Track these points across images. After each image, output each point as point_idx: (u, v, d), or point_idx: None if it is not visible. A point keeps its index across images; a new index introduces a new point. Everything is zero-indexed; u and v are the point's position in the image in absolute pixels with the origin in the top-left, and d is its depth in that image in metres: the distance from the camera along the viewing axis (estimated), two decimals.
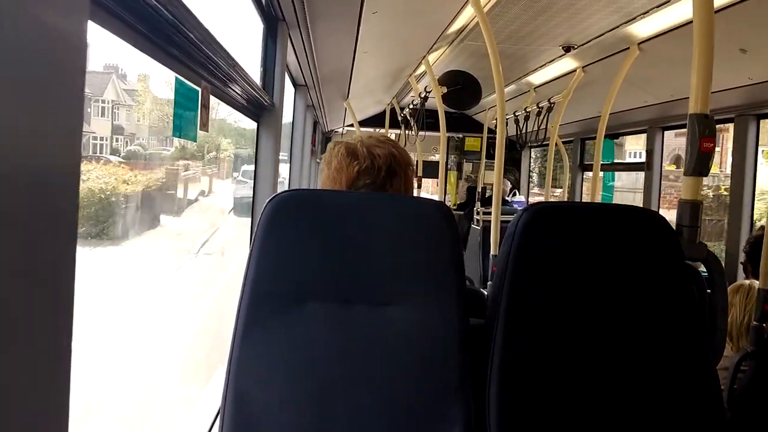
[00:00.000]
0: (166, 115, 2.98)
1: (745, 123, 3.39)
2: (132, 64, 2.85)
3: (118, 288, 2.53)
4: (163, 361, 3.11)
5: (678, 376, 1.33)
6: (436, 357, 1.26)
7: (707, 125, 1.50)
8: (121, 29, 1.16)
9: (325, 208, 1.30)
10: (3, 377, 0.63)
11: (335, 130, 9.44)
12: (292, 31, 2.96)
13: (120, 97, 2.81)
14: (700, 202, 1.52)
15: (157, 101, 2.99)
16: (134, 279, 2.77)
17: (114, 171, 2.44)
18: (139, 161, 2.98)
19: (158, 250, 3.15)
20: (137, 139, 3.09)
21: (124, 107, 2.86)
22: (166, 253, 3.37)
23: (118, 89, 2.76)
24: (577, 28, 3.67)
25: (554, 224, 1.36)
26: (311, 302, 1.27)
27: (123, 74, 2.98)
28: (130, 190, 2.63)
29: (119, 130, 2.94)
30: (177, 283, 3.54)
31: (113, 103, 2.76)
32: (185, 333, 3.55)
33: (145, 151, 3.13)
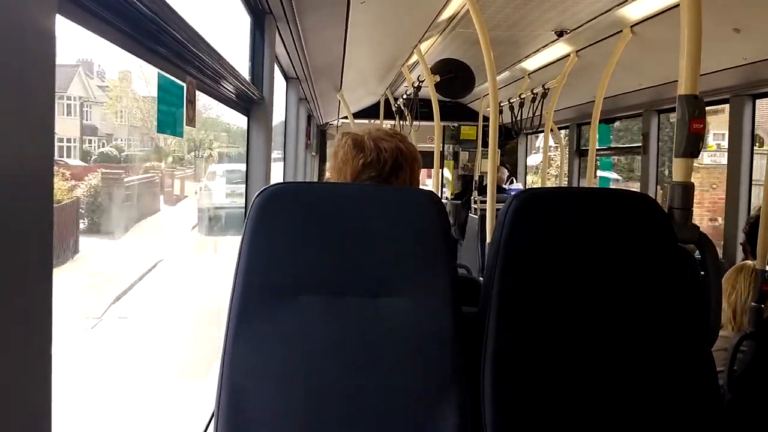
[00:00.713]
0: (144, 111, 2.65)
1: (740, 103, 3.36)
2: (104, 57, 2.49)
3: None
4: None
5: (672, 358, 1.33)
6: (429, 347, 1.26)
7: (696, 106, 1.49)
8: (95, 25, 1.13)
9: (316, 201, 1.30)
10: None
11: (330, 123, 9.40)
12: (280, 24, 2.93)
13: (89, 92, 2.51)
14: (692, 184, 1.51)
15: (134, 96, 2.64)
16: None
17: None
18: (92, 165, 2.53)
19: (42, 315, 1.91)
20: (115, 140, 2.76)
21: (96, 105, 2.58)
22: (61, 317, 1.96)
23: (86, 84, 2.42)
24: (569, 11, 3.64)
25: (544, 210, 1.35)
26: (304, 295, 1.27)
27: (97, 69, 2.67)
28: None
29: (92, 131, 2.65)
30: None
31: (82, 100, 2.43)
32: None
33: (121, 153, 2.75)
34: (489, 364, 1.29)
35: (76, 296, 2.27)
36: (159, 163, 2.91)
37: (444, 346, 1.26)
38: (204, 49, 1.83)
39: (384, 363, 1.26)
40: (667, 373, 1.32)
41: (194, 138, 3.55)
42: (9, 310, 0.67)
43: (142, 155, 2.62)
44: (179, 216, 3.15)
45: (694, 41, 1.50)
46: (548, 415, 1.29)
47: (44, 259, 0.74)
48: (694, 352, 1.34)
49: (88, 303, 2.27)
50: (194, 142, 3.63)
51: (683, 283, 1.36)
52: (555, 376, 1.30)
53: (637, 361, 1.32)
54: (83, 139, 2.07)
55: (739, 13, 2.87)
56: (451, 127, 8.99)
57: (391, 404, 1.25)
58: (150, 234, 2.58)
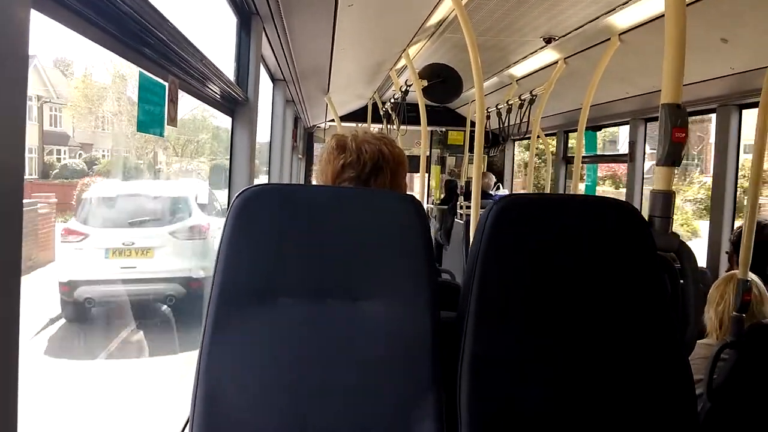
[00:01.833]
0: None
1: (727, 113, 3.37)
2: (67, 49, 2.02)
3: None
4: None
5: (649, 365, 1.33)
6: (407, 351, 1.25)
7: (679, 115, 1.49)
8: (73, 21, 1.10)
9: (296, 203, 1.28)
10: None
11: (317, 126, 9.37)
12: (266, 25, 2.91)
13: (50, 91, 2.05)
14: (673, 193, 1.51)
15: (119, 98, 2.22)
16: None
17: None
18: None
19: None
20: (95, 151, 2.36)
21: (67, 107, 2.18)
22: None
23: (45, 80, 1.92)
24: (557, 18, 3.64)
25: (524, 216, 1.34)
26: (282, 298, 1.26)
27: (64, 60, 2.17)
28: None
29: (59, 140, 2.21)
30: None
31: (41, 100, 1.92)
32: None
33: (92, 166, 2.24)
34: (466, 367, 1.29)
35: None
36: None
37: (422, 351, 1.25)
38: (188, 49, 1.80)
39: (362, 366, 1.25)
40: (644, 380, 1.32)
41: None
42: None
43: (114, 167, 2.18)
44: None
45: (677, 50, 1.50)
46: (523, 421, 1.29)
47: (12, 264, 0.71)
48: (671, 359, 1.34)
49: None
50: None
51: (662, 291, 1.35)
52: (531, 381, 1.29)
53: (614, 367, 1.32)
54: (45, 149, 1.74)
55: (727, 23, 2.87)
56: (438, 132, 8.99)
57: (370, 406, 1.24)
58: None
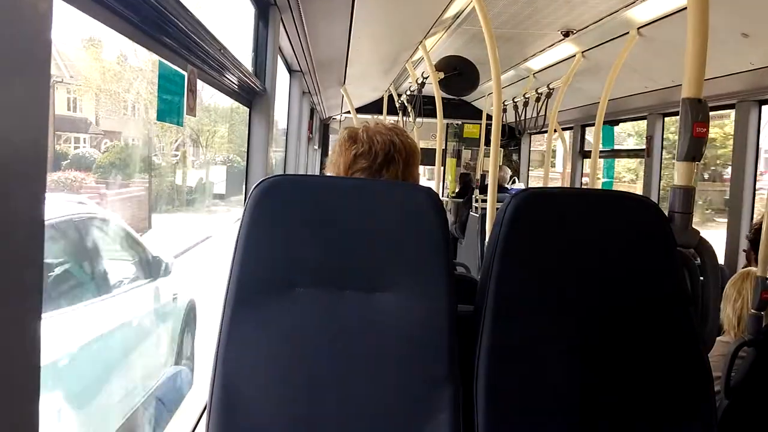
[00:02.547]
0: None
1: (746, 109, 3.33)
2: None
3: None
4: None
5: (668, 362, 1.32)
6: (424, 344, 1.26)
7: (700, 110, 1.47)
8: (95, 10, 1.12)
9: (314, 193, 1.29)
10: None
11: (333, 117, 9.38)
12: (284, 16, 2.91)
13: (62, 70, 1.84)
14: (693, 188, 1.49)
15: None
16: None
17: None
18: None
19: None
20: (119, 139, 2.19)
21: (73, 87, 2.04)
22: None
23: (56, 56, 1.71)
24: (576, 11, 3.61)
25: (542, 210, 1.34)
26: (300, 288, 1.26)
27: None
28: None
29: (76, 126, 2.05)
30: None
31: (53, 79, 1.64)
32: None
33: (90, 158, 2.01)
34: (483, 362, 1.29)
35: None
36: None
37: (439, 343, 1.25)
38: (207, 39, 1.81)
39: (378, 358, 1.25)
40: (663, 376, 1.31)
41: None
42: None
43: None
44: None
45: (699, 44, 1.48)
46: (540, 416, 1.29)
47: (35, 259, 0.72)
48: (690, 356, 1.33)
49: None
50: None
51: (682, 288, 1.35)
52: (548, 376, 1.29)
53: (632, 364, 1.31)
54: (59, 136, 1.60)
55: (747, 17, 2.84)
56: (454, 125, 8.97)
57: (386, 398, 1.25)
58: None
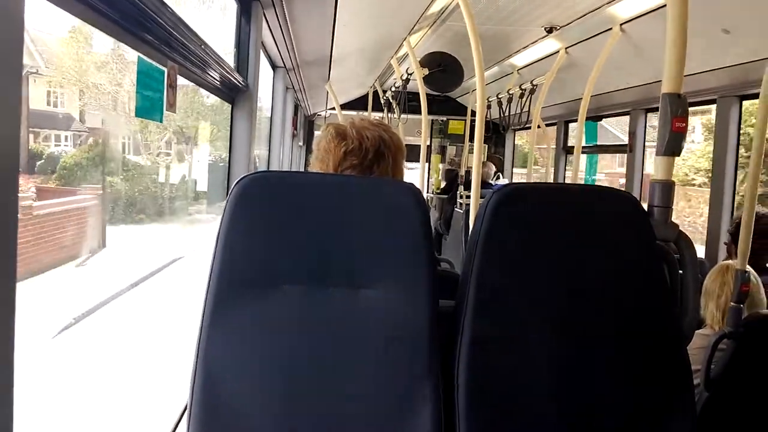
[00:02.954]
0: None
1: (727, 104, 3.37)
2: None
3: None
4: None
5: (647, 355, 1.33)
6: (406, 338, 1.26)
7: (680, 105, 1.48)
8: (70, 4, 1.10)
9: (296, 190, 1.28)
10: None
11: (318, 114, 9.35)
12: (267, 11, 2.90)
13: (37, 60, 1.70)
14: (672, 183, 1.50)
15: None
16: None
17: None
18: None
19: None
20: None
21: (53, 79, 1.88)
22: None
23: (30, 44, 1.59)
24: (559, 8, 3.62)
25: (524, 205, 1.34)
26: (281, 285, 1.26)
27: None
28: None
29: (56, 123, 1.94)
30: None
31: (26, 69, 1.55)
32: None
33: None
34: (463, 355, 1.29)
35: None
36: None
37: (421, 338, 1.26)
38: (187, 35, 1.79)
39: (360, 354, 1.25)
40: (642, 368, 1.32)
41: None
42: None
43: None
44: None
45: (679, 40, 1.49)
46: (521, 409, 1.29)
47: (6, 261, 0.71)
48: (669, 349, 1.34)
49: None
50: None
51: (661, 281, 1.36)
52: (529, 370, 1.30)
53: (612, 357, 1.32)
54: (35, 133, 1.47)
55: (728, 14, 2.86)
56: (439, 121, 8.97)
57: (367, 394, 1.25)
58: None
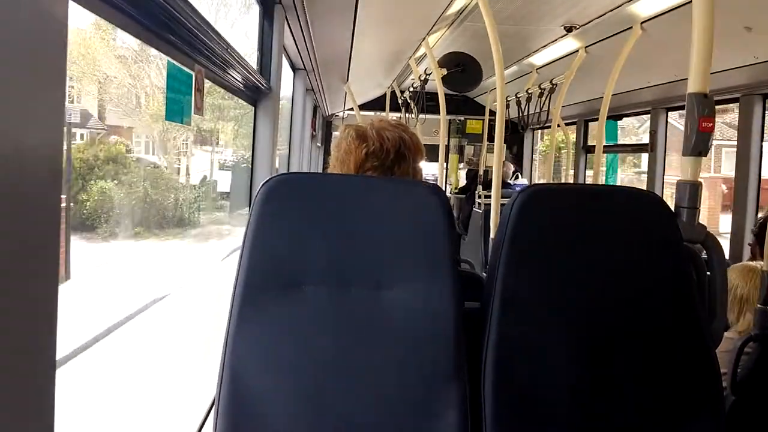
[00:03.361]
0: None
1: (750, 103, 3.34)
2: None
3: None
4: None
5: (676, 358, 1.32)
6: (431, 340, 1.26)
7: (706, 105, 1.47)
8: (105, 11, 1.13)
9: (320, 191, 1.30)
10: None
11: (336, 114, 9.38)
12: (288, 14, 2.92)
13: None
14: (700, 183, 1.50)
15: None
16: None
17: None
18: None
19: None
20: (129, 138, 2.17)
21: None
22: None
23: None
24: (578, 7, 3.61)
25: (549, 206, 1.34)
26: (307, 286, 1.27)
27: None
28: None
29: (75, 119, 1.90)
30: None
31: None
32: None
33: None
34: (490, 358, 1.29)
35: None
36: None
37: (446, 340, 1.26)
38: (213, 37, 1.82)
39: (386, 354, 1.26)
40: (671, 372, 1.32)
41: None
42: (13, 311, 0.66)
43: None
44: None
45: (705, 39, 1.48)
46: (548, 411, 1.29)
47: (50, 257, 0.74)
48: (698, 351, 1.33)
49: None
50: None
51: (689, 283, 1.35)
52: (556, 372, 1.30)
53: (640, 359, 1.31)
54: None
55: (750, 11, 2.84)
56: (456, 121, 8.97)
57: (392, 395, 1.25)
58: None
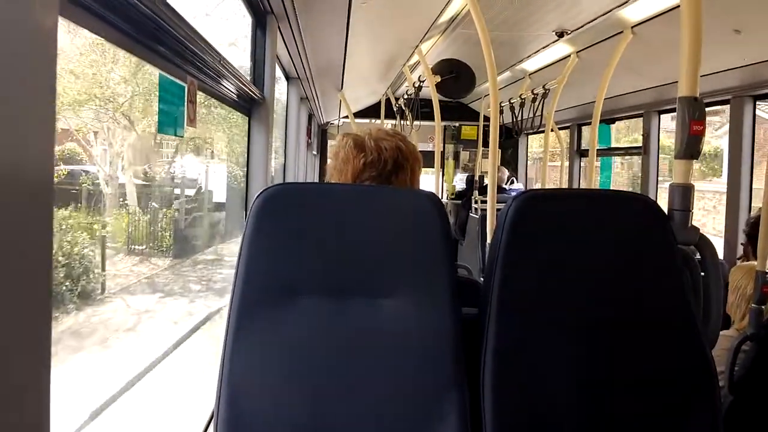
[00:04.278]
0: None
1: (740, 104, 3.36)
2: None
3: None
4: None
5: (672, 360, 1.33)
6: (429, 348, 1.26)
7: (696, 108, 1.48)
8: (95, 25, 1.14)
9: (316, 201, 1.30)
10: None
11: (331, 122, 9.40)
12: (281, 24, 2.93)
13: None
14: (692, 186, 1.51)
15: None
16: None
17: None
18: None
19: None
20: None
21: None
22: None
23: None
24: (569, 12, 3.64)
25: (545, 211, 1.35)
26: (304, 296, 1.27)
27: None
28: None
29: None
30: None
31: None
32: None
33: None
34: (489, 364, 1.29)
35: None
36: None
37: (444, 348, 1.26)
38: (205, 48, 1.83)
39: (384, 364, 1.26)
40: (668, 374, 1.32)
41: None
42: (7, 314, 0.67)
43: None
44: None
45: (693, 43, 1.50)
46: (547, 416, 1.29)
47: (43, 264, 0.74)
48: (694, 353, 1.34)
49: None
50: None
51: (683, 285, 1.36)
52: (555, 376, 1.30)
53: (637, 361, 1.32)
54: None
55: (739, 14, 2.86)
56: (451, 127, 8.99)
57: (392, 405, 1.25)
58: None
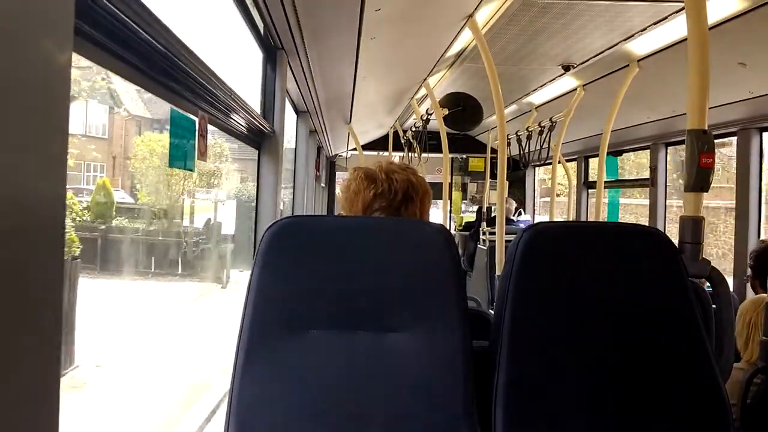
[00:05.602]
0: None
1: (747, 136, 3.37)
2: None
3: None
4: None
5: (685, 394, 1.31)
6: (440, 382, 1.25)
7: (705, 141, 1.49)
8: (108, 61, 1.16)
9: (325, 234, 1.29)
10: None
11: (339, 155, 9.47)
12: (291, 59, 2.98)
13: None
14: (702, 218, 1.50)
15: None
16: None
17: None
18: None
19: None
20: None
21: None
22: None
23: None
24: (575, 47, 3.68)
25: (554, 244, 1.35)
26: (313, 330, 1.26)
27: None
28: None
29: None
30: None
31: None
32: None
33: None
34: (500, 398, 1.28)
35: None
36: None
37: (455, 381, 1.24)
38: (216, 83, 1.86)
39: (394, 398, 1.24)
40: (681, 406, 1.31)
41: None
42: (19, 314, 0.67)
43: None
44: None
45: (701, 77, 1.50)
46: None
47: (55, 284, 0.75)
48: (707, 387, 1.32)
49: None
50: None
51: (695, 318, 1.34)
52: (567, 410, 1.29)
53: (649, 395, 1.31)
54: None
55: (744, 47, 2.89)
56: (459, 159, 9.04)
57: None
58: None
